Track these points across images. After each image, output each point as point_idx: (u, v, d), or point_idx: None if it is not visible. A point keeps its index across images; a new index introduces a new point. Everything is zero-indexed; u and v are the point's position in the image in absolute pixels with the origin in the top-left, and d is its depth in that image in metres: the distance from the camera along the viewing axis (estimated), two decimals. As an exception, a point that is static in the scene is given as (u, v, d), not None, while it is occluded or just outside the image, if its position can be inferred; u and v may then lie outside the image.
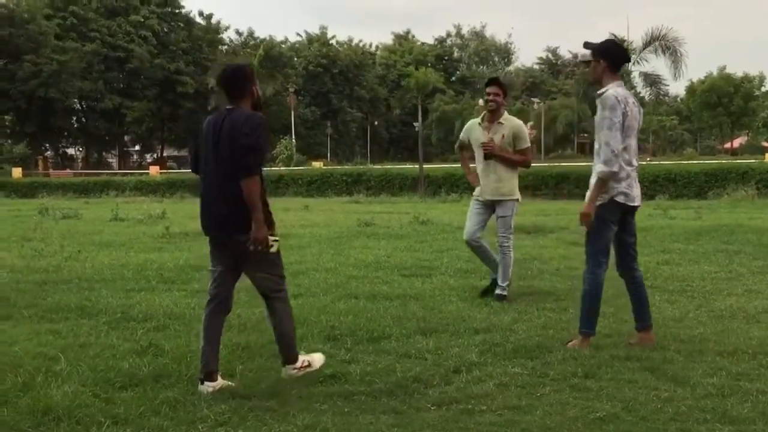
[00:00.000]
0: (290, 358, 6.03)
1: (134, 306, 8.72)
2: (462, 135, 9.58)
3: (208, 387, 5.69)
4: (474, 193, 9.47)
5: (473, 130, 9.36)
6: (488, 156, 9.12)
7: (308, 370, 6.02)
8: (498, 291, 9.10)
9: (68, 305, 8.73)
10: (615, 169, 6.61)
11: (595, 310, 6.88)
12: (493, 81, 9.31)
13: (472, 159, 9.55)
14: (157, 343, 6.91)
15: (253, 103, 5.90)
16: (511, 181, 9.29)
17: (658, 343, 6.78)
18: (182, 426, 4.97)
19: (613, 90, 6.64)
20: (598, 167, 6.67)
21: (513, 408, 5.24)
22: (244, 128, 5.61)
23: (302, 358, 6.09)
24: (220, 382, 5.76)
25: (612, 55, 6.80)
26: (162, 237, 16.33)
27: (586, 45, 6.95)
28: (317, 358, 6.16)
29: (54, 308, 8.63)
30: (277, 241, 5.83)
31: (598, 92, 6.75)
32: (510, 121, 9.26)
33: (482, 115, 9.40)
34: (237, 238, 5.74)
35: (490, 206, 9.33)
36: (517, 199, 9.40)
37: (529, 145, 9.42)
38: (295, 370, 6.00)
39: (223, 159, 5.68)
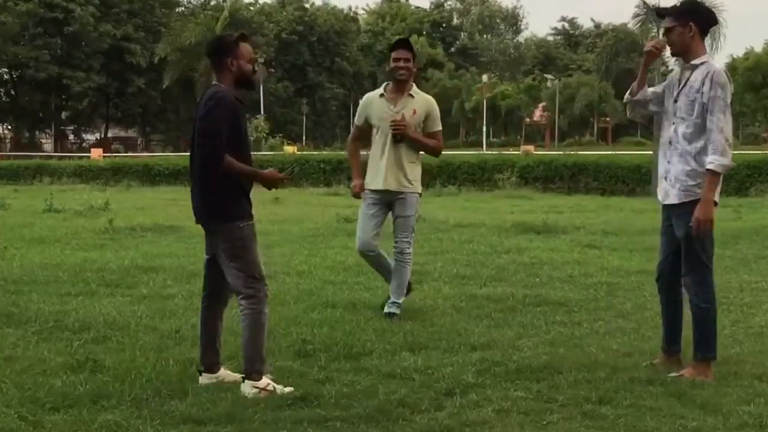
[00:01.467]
0: (251, 373, 6.15)
1: (70, 313, 8.69)
2: (358, 115, 9.03)
3: (204, 379, 6.38)
4: (366, 184, 8.91)
5: (372, 105, 8.84)
6: (398, 138, 8.63)
7: (270, 394, 6.06)
8: (390, 309, 8.70)
9: (-9, 311, 8.71)
10: (730, 161, 6.45)
11: (715, 329, 6.78)
12: (402, 44, 8.86)
13: (366, 147, 9.18)
14: (96, 357, 6.90)
15: (236, 79, 6.29)
16: (416, 170, 8.85)
17: (686, 366, 6.81)
18: (124, 455, 4.99)
19: (717, 64, 6.56)
20: (714, 161, 6.37)
21: (514, 438, 5.27)
22: (202, 111, 6.07)
23: (267, 381, 6.17)
24: (221, 373, 6.46)
25: (701, 17, 6.65)
26: (104, 232, 16.30)
27: (663, 11, 6.88)
28: (285, 390, 6.16)
29: (-26, 315, 8.61)
30: (292, 171, 6.72)
31: (692, 62, 6.60)
32: (421, 96, 8.85)
33: (384, 85, 8.91)
34: (217, 226, 6.30)
35: (386, 203, 8.83)
36: (420, 194, 8.97)
37: (441, 128, 9.04)
38: (255, 390, 6.07)
39: (193, 144, 6.23)
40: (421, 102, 8.77)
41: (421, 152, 8.91)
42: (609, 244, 14.86)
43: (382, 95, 8.77)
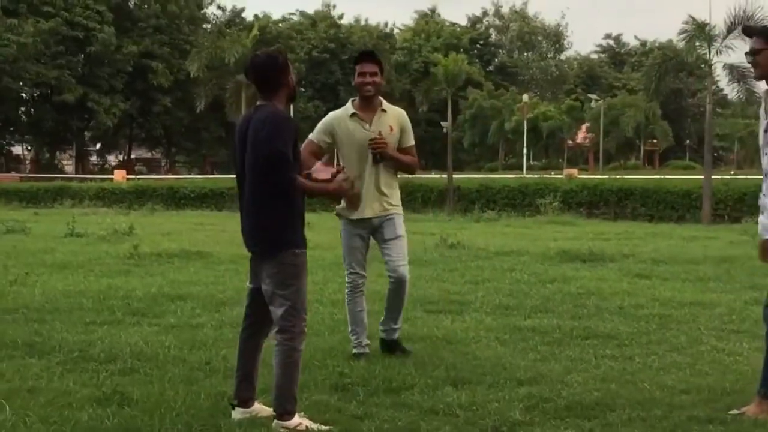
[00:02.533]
0: (282, 412, 6.13)
1: (95, 343, 8.73)
2: (320, 133, 8.36)
3: (237, 413, 6.31)
4: (343, 213, 8.38)
5: (341, 126, 8.29)
6: (378, 158, 8.21)
7: None
8: (390, 335, 8.53)
9: (14, 340, 8.76)
10: None
11: None
12: (367, 56, 8.50)
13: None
14: (123, 389, 6.91)
15: (289, 97, 6.42)
16: (397, 193, 8.54)
17: (747, 403, 6.71)
18: (154, 494, 4.98)
19: None
20: None
21: (566, 480, 5.22)
22: (264, 133, 6.12)
23: (300, 420, 6.13)
24: (256, 407, 6.39)
25: None
26: (129, 258, 16.36)
27: (748, 30, 6.74)
28: (323, 429, 6.14)
29: (-5, 344, 8.65)
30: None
31: None
32: (393, 109, 8.45)
33: (351, 102, 8.47)
34: (270, 253, 6.25)
35: (370, 231, 8.43)
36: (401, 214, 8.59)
37: (414, 142, 8.58)
38: (284, 430, 6.06)
39: (250, 168, 6.23)
40: (394, 116, 8.41)
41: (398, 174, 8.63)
42: (660, 273, 14.76)
43: (353, 114, 8.29)
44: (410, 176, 11.47)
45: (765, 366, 6.63)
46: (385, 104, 8.40)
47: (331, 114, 8.48)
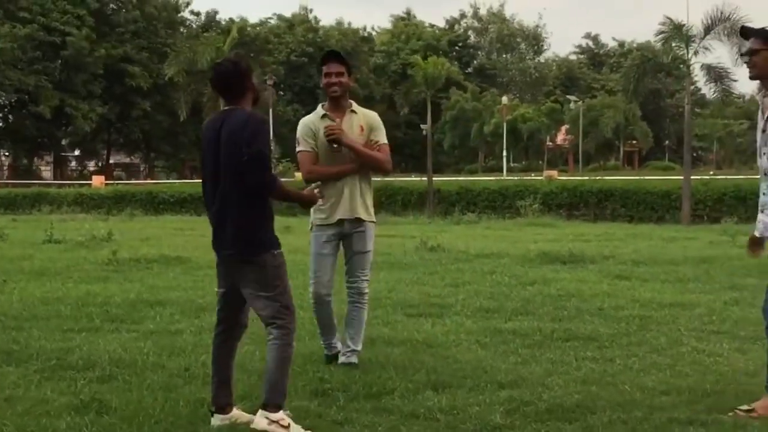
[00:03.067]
0: (269, 404, 6.21)
1: (73, 350, 8.68)
2: (307, 141, 8.17)
3: (217, 420, 6.32)
4: (316, 217, 8.22)
5: (316, 127, 8.15)
6: (335, 146, 8.05)
7: (281, 429, 6.09)
8: (351, 358, 8.22)
9: (-9, 349, 8.71)
10: None
11: None
12: (333, 56, 8.35)
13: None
14: (102, 397, 6.87)
15: (254, 101, 6.50)
16: (370, 196, 8.41)
17: (727, 405, 6.74)
18: (133, 502, 4.95)
19: None
20: None
21: (547, 483, 5.22)
22: (244, 135, 6.15)
23: (284, 416, 6.17)
24: (235, 413, 6.39)
25: None
26: (108, 264, 16.32)
27: (746, 31, 6.85)
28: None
29: (-27, 352, 8.60)
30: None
31: None
32: (363, 111, 8.37)
33: (320, 105, 8.36)
34: (252, 257, 6.26)
35: (341, 237, 8.22)
36: (375, 223, 8.50)
37: (387, 142, 8.42)
38: (267, 421, 6.10)
39: (229, 171, 6.22)
40: (363, 118, 8.29)
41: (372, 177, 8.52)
42: (640, 274, 14.81)
43: (324, 116, 8.18)
44: (390, 179, 11.42)
45: None
46: (355, 106, 8.33)
47: (303, 120, 8.37)
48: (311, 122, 8.21)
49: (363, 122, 8.21)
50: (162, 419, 6.29)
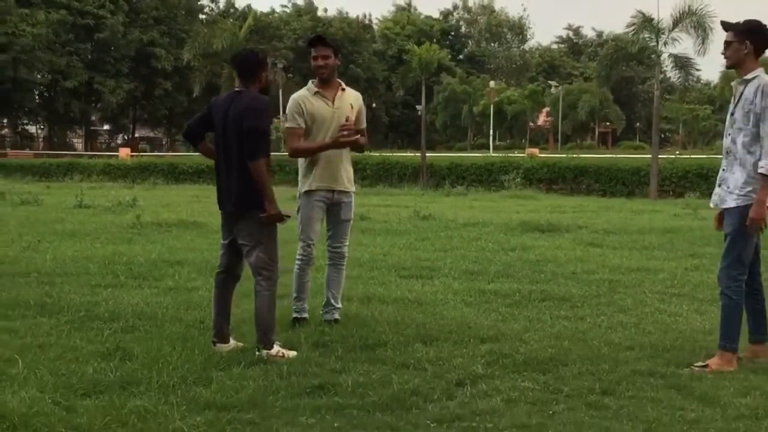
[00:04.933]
0: (263, 341, 6.83)
1: (100, 304, 8.73)
2: (296, 118, 7.86)
3: (222, 348, 6.91)
4: (307, 188, 7.99)
5: (308, 104, 7.88)
6: (351, 144, 7.92)
7: (281, 359, 6.62)
8: (334, 314, 8.11)
9: (26, 301, 8.73)
10: None
11: (740, 323, 6.80)
12: (319, 40, 8.04)
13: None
14: (126, 345, 6.92)
15: (261, 88, 6.95)
16: (351, 168, 8.26)
17: (685, 359, 6.79)
18: (152, 439, 4.98)
19: (766, 77, 6.63)
20: (765, 165, 6.45)
21: (522, 427, 5.25)
22: (247, 113, 6.71)
23: (278, 348, 6.82)
24: (232, 343, 7.03)
25: (759, 38, 6.73)
26: (132, 227, 16.34)
27: (725, 25, 6.89)
28: (291, 354, 6.80)
29: (10, 304, 8.63)
30: (288, 217, 7.00)
31: (745, 77, 6.70)
32: (350, 90, 8.16)
33: (310, 83, 8.06)
34: (249, 213, 6.80)
35: (330, 204, 8.05)
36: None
37: (366, 125, 8.28)
38: (266, 355, 6.72)
39: (232, 142, 6.80)
40: (352, 96, 8.13)
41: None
42: (610, 242, 14.82)
43: (316, 93, 7.93)
44: (387, 154, 11.35)
45: (722, 322, 6.77)
46: (343, 85, 8.11)
47: (294, 96, 8.00)
48: (301, 99, 7.92)
49: (352, 100, 8.07)
50: (179, 366, 6.31)
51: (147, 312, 8.37)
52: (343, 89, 8.06)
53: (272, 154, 7.07)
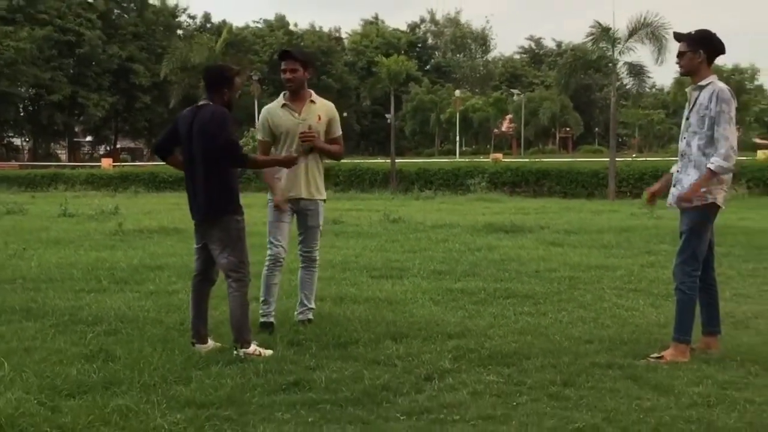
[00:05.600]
0: (239, 340, 6.83)
1: (84, 308, 8.67)
2: (263, 129, 7.90)
3: (202, 348, 6.91)
4: (275, 196, 7.92)
5: (275, 116, 7.86)
6: (308, 149, 7.82)
7: (257, 357, 6.63)
8: (308, 315, 8.08)
9: (12, 306, 8.68)
10: (733, 165, 6.62)
11: (693, 317, 6.85)
12: (286, 54, 7.93)
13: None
14: (108, 348, 6.87)
15: (225, 103, 6.91)
16: (321, 176, 8.13)
17: (641, 351, 6.83)
18: (134, 436, 4.96)
19: (721, 83, 6.72)
20: (715, 162, 6.55)
21: (487, 418, 5.27)
22: (211, 127, 6.71)
23: (255, 347, 6.82)
24: (211, 344, 7.02)
25: (710, 46, 6.80)
26: (114, 234, 16.26)
27: (678, 36, 6.95)
28: (267, 353, 6.79)
29: (-3, 310, 8.56)
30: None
31: (699, 84, 6.76)
32: (321, 101, 8.03)
33: (282, 95, 8.00)
34: (217, 220, 6.85)
35: (296, 211, 8.02)
36: (325, 200, 8.23)
37: (341, 133, 8.19)
38: (243, 353, 6.71)
39: (197, 153, 6.79)
40: (323, 108, 7.99)
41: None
42: (570, 242, 14.89)
43: (284, 105, 7.88)
44: (358, 161, 11.36)
45: (676, 316, 6.82)
46: (315, 96, 7.98)
47: (264, 108, 8.03)
48: (268, 112, 7.90)
49: (321, 111, 7.94)
50: (160, 366, 6.29)
51: (129, 315, 8.33)
52: (313, 101, 7.94)
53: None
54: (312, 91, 8.02)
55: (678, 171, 6.91)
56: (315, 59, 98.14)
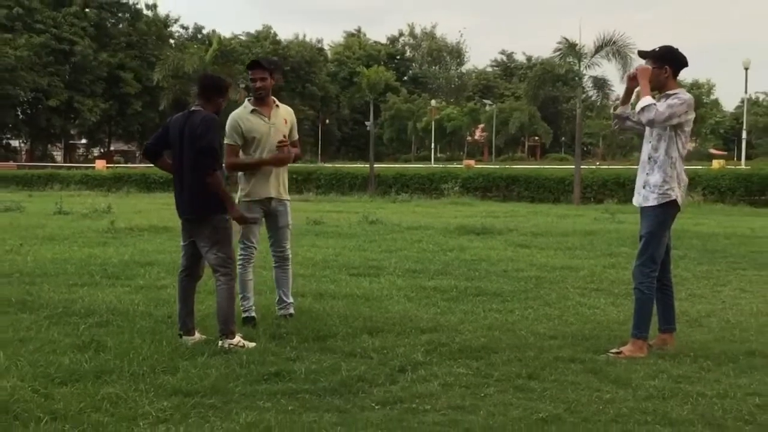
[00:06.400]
0: (225, 331, 6.82)
1: (76, 301, 8.62)
2: (233, 135, 7.70)
3: (189, 340, 6.89)
4: (245, 197, 7.81)
5: (246, 121, 7.72)
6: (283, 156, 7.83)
7: (241, 349, 6.62)
8: (290, 309, 8.03)
9: (8, 299, 8.61)
10: (648, 117, 6.62)
11: (651, 315, 6.88)
12: (256, 64, 7.91)
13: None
14: (99, 338, 6.84)
15: (215, 111, 6.99)
16: (287, 178, 8.14)
17: (601, 347, 6.86)
18: (123, 422, 4.93)
19: (685, 94, 6.76)
20: (644, 116, 6.65)
21: (457, 408, 5.28)
22: (199, 130, 6.74)
23: (239, 339, 6.82)
24: (197, 336, 6.99)
25: (675, 61, 6.83)
26: (107, 232, 16.17)
27: (643, 54, 6.98)
28: (250, 345, 6.77)
29: (-6, 302, 8.50)
30: (229, 218, 6.95)
31: (667, 93, 6.77)
32: (283, 106, 8.05)
33: (246, 101, 7.92)
34: (206, 218, 6.85)
35: (266, 212, 7.92)
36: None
37: (298, 136, 8.22)
38: (228, 345, 6.70)
39: (186, 156, 6.83)
40: (285, 112, 8.01)
41: None
42: (537, 244, 14.93)
43: (253, 110, 7.77)
44: (339, 165, 11.31)
45: (635, 314, 6.86)
46: (277, 102, 7.98)
47: (232, 114, 7.83)
48: (239, 117, 7.75)
49: (286, 116, 7.96)
50: (149, 356, 6.27)
51: (120, 308, 8.29)
52: (278, 105, 7.95)
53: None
54: (274, 98, 7.99)
55: (647, 173, 6.85)
56: (281, 66, 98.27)
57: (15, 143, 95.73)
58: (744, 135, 58.29)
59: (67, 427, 4.82)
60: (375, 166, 41.36)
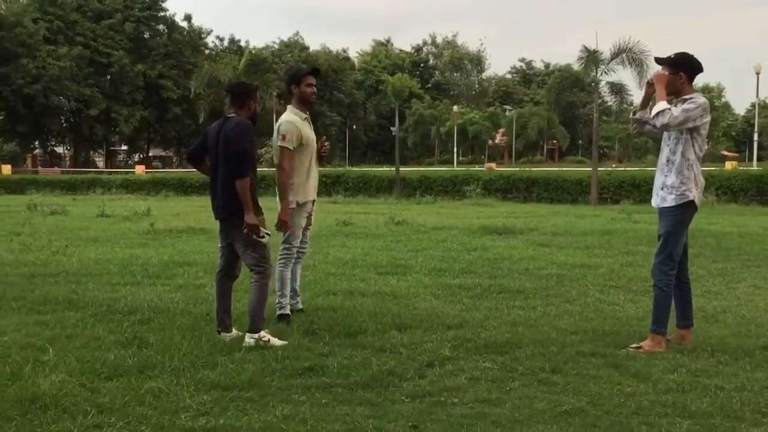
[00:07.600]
0: (252, 327, 6.79)
1: (119, 299, 8.68)
2: (294, 139, 7.60)
3: (225, 336, 6.91)
4: (302, 199, 7.80)
5: (301, 128, 7.67)
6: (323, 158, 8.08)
7: (265, 344, 6.62)
8: (300, 305, 8.07)
9: (56, 298, 8.68)
10: (662, 121, 6.58)
11: (669, 311, 6.82)
12: (317, 71, 8.03)
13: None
14: (142, 335, 6.89)
15: (250, 116, 7.02)
16: None
17: (621, 342, 6.82)
18: (165, 415, 4.95)
19: (701, 97, 6.69)
20: (659, 120, 6.60)
21: (483, 401, 5.26)
22: (232, 135, 6.80)
23: (264, 334, 6.77)
24: (234, 333, 7.01)
25: (690, 67, 6.77)
26: (147, 233, 16.25)
27: (659, 60, 6.92)
28: (278, 342, 6.70)
29: (42, 301, 8.57)
30: (268, 234, 6.95)
31: (683, 97, 6.72)
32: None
33: (292, 107, 7.79)
34: (240, 220, 6.80)
35: (309, 211, 8.00)
36: None
37: None
38: (252, 340, 6.69)
39: (223, 161, 6.88)
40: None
41: None
42: (557, 243, 14.86)
43: (305, 118, 7.76)
44: (366, 169, 11.31)
45: (653, 310, 6.79)
46: None
47: (292, 120, 7.63)
48: (300, 124, 7.65)
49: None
50: (188, 352, 6.30)
51: (160, 306, 8.33)
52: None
53: (261, 170, 7.09)
54: None
55: (665, 176, 6.80)
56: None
57: (60, 150, 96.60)
58: (755, 137, 57.77)
59: (113, 419, 4.85)
60: (400, 169, 41.29)
